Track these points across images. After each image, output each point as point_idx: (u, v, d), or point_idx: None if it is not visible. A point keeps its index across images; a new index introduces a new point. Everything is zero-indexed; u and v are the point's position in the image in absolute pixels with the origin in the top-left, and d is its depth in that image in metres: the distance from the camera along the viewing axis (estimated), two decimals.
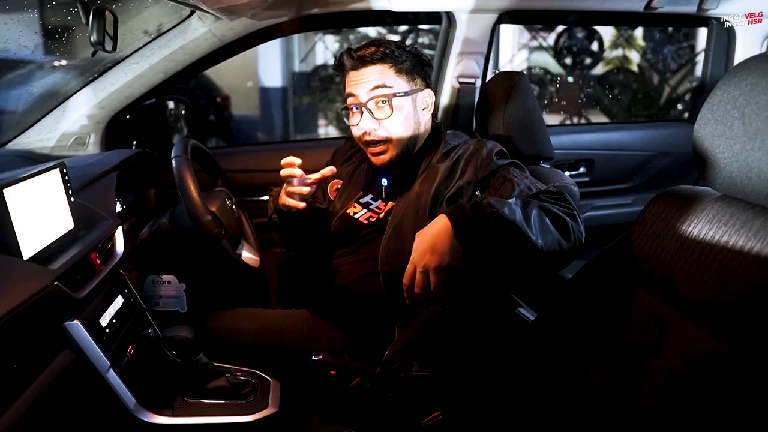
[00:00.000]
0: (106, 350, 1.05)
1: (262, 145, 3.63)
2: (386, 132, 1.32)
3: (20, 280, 0.88)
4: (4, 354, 0.85)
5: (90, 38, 1.11)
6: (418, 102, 1.35)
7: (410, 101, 1.33)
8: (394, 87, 1.30)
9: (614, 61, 6.63)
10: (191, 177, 1.34)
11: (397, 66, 1.31)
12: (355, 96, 1.33)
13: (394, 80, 1.31)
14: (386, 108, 1.30)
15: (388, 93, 1.30)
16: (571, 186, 1.38)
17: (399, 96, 1.31)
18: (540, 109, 1.49)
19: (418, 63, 1.35)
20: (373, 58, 1.30)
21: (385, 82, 1.30)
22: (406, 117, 1.32)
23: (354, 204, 1.46)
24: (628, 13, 2.00)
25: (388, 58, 1.30)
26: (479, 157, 1.28)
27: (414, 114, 1.34)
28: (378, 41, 1.33)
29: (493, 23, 1.84)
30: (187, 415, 1.12)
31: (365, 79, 1.31)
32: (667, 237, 0.99)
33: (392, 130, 1.32)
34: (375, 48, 1.30)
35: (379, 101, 1.30)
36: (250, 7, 1.55)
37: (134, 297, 1.26)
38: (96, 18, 1.11)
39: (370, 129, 1.32)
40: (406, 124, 1.33)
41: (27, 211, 0.96)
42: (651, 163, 2.25)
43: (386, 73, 1.30)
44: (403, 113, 1.32)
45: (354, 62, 1.31)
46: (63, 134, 1.77)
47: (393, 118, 1.31)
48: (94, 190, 1.30)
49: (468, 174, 1.27)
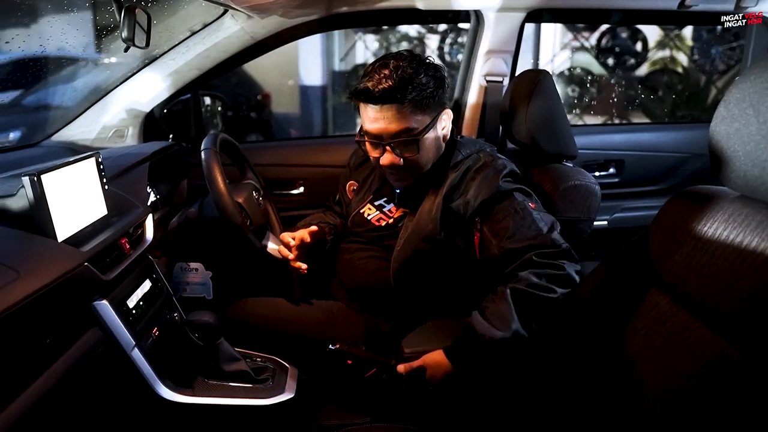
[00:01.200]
0: (132, 330, 1.11)
1: (292, 141, 3.71)
2: (411, 165, 1.29)
3: (53, 259, 0.94)
4: (37, 328, 0.91)
5: (121, 34, 1.17)
6: (439, 127, 1.31)
7: (432, 132, 1.28)
8: (419, 126, 1.24)
9: (659, 61, 6.45)
10: (218, 168, 1.39)
11: (418, 104, 1.22)
12: (375, 134, 1.26)
13: (417, 120, 1.24)
14: (413, 147, 1.26)
15: (413, 136, 1.24)
16: (593, 185, 1.37)
17: (424, 134, 1.25)
18: (564, 108, 1.48)
19: (438, 88, 1.26)
20: (394, 98, 1.20)
21: (409, 125, 1.23)
22: (429, 149, 1.30)
23: (368, 205, 1.48)
24: (663, 11, 1.96)
25: (408, 96, 1.20)
26: (485, 175, 1.26)
27: (437, 140, 1.31)
28: (395, 73, 1.20)
29: (521, 22, 1.84)
30: (206, 395, 1.17)
31: (386, 120, 1.23)
32: (682, 236, 0.98)
33: (418, 163, 1.30)
34: (393, 84, 1.19)
35: (405, 142, 1.25)
36: (280, 5, 1.60)
37: (162, 282, 1.32)
38: (127, 15, 1.17)
39: (394, 163, 1.28)
40: (430, 155, 1.31)
41: (63, 197, 1.03)
42: (685, 165, 2.19)
43: (408, 114, 1.22)
44: (428, 148, 1.29)
45: (373, 99, 1.22)
46: (103, 127, 1.86)
47: (417, 155, 1.27)
48: (128, 180, 1.37)
49: (472, 191, 1.26)
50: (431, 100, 1.24)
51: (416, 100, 1.21)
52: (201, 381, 1.22)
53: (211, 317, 1.22)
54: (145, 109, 1.88)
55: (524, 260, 1.17)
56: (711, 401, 0.83)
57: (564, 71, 6.62)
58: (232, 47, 1.80)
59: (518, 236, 1.19)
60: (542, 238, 1.18)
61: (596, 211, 1.39)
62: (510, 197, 1.24)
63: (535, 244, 1.17)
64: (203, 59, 1.81)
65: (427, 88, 1.22)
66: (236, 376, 1.24)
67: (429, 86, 1.23)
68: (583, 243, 1.44)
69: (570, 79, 6.51)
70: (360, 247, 1.46)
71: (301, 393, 1.28)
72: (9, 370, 0.84)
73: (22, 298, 0.82)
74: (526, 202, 1.24)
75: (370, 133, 1.27)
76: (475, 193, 1.25)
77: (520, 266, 1.17)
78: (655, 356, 0.96)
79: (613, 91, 6.36)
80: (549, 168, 1.43)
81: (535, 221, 1.21)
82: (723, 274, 0.86)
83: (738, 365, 0.80)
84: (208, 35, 1.77)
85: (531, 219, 1.21)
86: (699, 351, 0.88)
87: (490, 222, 1.24)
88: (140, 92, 1.85)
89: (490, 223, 1.24)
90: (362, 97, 1.23)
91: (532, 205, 1.24)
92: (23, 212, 0.98)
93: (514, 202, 1.23)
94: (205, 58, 1.81)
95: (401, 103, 1.20)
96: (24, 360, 0.88)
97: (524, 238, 1.18)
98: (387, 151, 1.27)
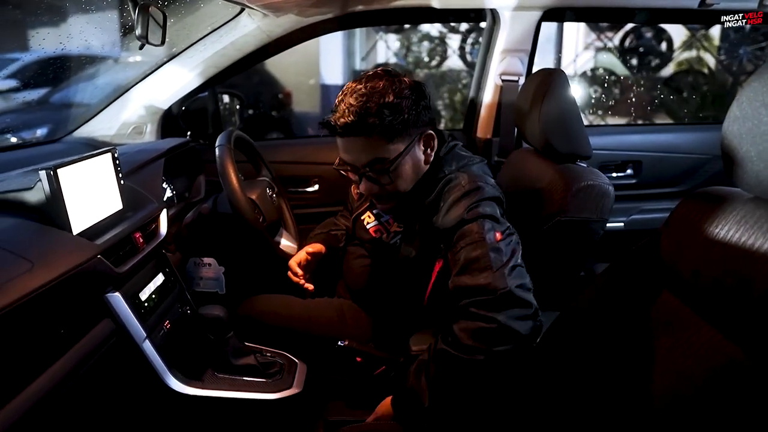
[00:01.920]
0: (144, 322, 1.13)
1: (307, 138, 3.73)
2: (389, 191, 1.23)
3: (67, 251, 0.96)
4: (51, 317, 0.93)
5: (135, 32, 1.20)
6: (417, 150, 1.22)
7: (410, 157, 1.20)
8: (391, 155, 1.17)
9: (684, 62, 6.34)
10: (232, 164, 1.41)
11: (387, 133, 1.14)
12: (349, 163, 1.22)
13: (388, 150, 1.16)
14: (386, 177, 1.19)
15: (384, 166, 1.18)
16: (606, 186, 1.35)
17: (396, 162, 1.18)
18: (578, 107, 1.46)
19: (412, 112, 1.16)
20: (358, 131, 1.13)
21: (379, 155, 1.17)
22: (407, 175, 1.22)
23: (368, 213, 1.46)
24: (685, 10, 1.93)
25: (374, 130, 1.13)
26: (455, 198, 1.17)
27: (416, 165, 1.23)
28: (360, 104, 1.12)
29: (537, 21, 1.82)
30: (214, 388, 1.19)
31: (354, 150, 1.18)
32: (694, 238, 0.97)
33: (393, 191, 1.23)
34: (355, 119, 1.12)
35: (378, 171, 1.19)
36: (296, 4, 1.61)
37: (175, 276, 1.35)
38: (141, 13, 1.19)
39: (372, 191, 1.24)
40: (408, 180, 1.23)
41: (79, 191, 1.05)
42: (705, 166, 2.15)
43: (377, 145, 1.15)
44: (403, 173, 1.21)
45: (339, 133, 1.16)
46: (123, 123, 1.90)
47: (395, 182, 1.21)
48: (143, 175, 1.39)
49: (441, 212, 1.18)
50: (403, 127, 1.15)
51: (384, 131, 1.14)
52: (210, 374, 1.24)
53: (221, 311, 1.23)
54: (163, 106, 1.91)
55: (460, 308, 1.09)
56: (718, 406, 0.82)
57: (587, 71, 6.55)
58: (248, 45, 1.82)
59: (467, 272, 1.10)
60: (488, 279, 1.07)
61: (609, 212, 1.37)
62: (473, 223, 1.12)
63: (477, 287, 1.07)
64: (220, 57, 1.83)
65: (398, 116, 1.13)
66: (245, 370, 1.25)
67: (400, 113, 1.14)
68: (597, 244, 1.42)
69: (593, 80, 6.44)
70: (362, 254, 1.47)
71: (309, 388, 1.29)
72: (23, 357, 0.87)
73: (35, 288, 0.84)
74: (489, 234, 1.11)
75: (343, 161, 1.23)
76: (444, 213, 1.17)
77: (456, 314, 1.10)
78: (664, 359, 0.95)
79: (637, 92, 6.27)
80: (562, 168, 1.41)
81: (489, 257, 1.08)
82: (734, 277, 0.85)
83: (747, 370, 0.79)
84: (225, 33, 1.79)
85: (485, 252, 1.09)
86: (708, 355, 0.86)
87: (451, 251, 1.15)
88: (158, 90, 1.88)
89: (450, 253, 1.15)
90: (328, 130, 1.17)
91: (498, 236, 1.12)
92: (40, 205, 1.00)
93: (474, 229, 1.12)
94: (222, 56, 1.83)
95: (368, 136, 1.14)
96: (38, 348, 0.90)
97: (472, 276, 1.09)
98: (363, 180, 1.23)
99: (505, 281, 1.06)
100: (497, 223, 1.14)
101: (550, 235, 1.34)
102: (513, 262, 1.10)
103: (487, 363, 1.06)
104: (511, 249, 1.12)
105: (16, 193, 1.02)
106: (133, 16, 1.18)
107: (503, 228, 1.14)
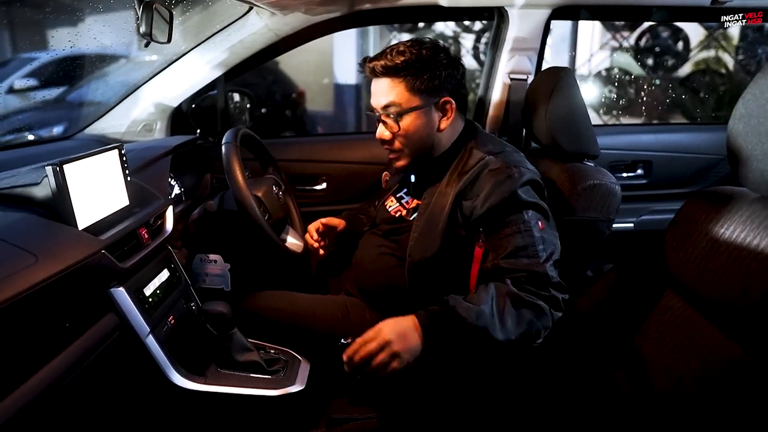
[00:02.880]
0: (148, 317, 1.14)
1: (315, 137, 3.75)
2: (398, 143, 1.33)
3: (72, 246, 0.98)
4: (56, 311, 0.95)
5: (139, 30, 1.21)
6: (434, 112, 1.31)
7: (423, 114, 1.30)
8: (404, 104, 1.28)
9: (701, 62, 6.25)
10: (237, 162, 1.42)
11: (409, 81, 1.26)
12: (372, 107, 1.34)
13: (405, 97, 1.27)
14: (396, 124, 1.30)
15: (397, 110, 1.28)
16: (613, 185, 1.34)
17: (409, 112, 1.28)
18: (585, 106, 1.45)
19: (439, 72, 1.27)
20: (385, 71, 1.27)
21: (394, 99, 1.28)
22: (417, 130, 1.30)
23: (391, 197, 1.50)
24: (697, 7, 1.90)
25: (400, 72, 1.26)
26: (500, 181, 1.21)
27: (428, 125, 1.31)
28: (395, 50, 1.27)
29: (546, 19, 1.81)
30: (217, 384, 1.20)
31: (378, 92, 1.30)
32: (699, 238, 0.95)
33: (403, 142, 1.32)
34: (387, 61, 1.26)
35: (390, 116, 1.30)
36: (303, 2, 1.62)
37: (180, 272, 1.36)
38: (145, 10, 1.20)
39: (384, 137, 1.34)
40: (417, 136, 1.31)
41: (85, 186, 1.06)
42: (717, 167, 2.11)
43: (397, 89, 1.27)
44: (413, 127, 1.30)
45: (370, 72, 1.30)
46: (133, 121, 1.92)
47: (402, 132, 1.30)
48: (150, 172, 1.40)
49: (482, 194, 1.22)
50: (427, 84, 1.26)
51: (410, 74, 1.25)
52: (213, 370, 1.24)
53: (225, 307, 1.24)
54: (172, 104, 1.93)
55: (513, 278, 1.15)
56: (721, 406, 0.81)
57: (601, 71, 6.48)
58: (256, 44, 1.83)
59: (513, 259, 1.16)
60: (537, 267, 1.15)
61: (616, 212, 1.36)
62: (519, 212, 1.19)
63: (526, 271, 1.14)
64: (229, 55, 1.84)
65: (426, 72, 1.25)
66: (248, 366, 1.26)
67: (428, 70, 1.25)
68: (603, 244, 1.41)
69: (608, 80, 6.37)
70: (375, 243, 1.45)
71: (312, 385, 1.29)
72: (27, 350, 0.88)
73: (39, 281, 0.85)
74: (533, 222, 1.19)
75: (370, 106, 1.35)
76: (485, 198, 1.21)
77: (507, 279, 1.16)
78: (667, 359, 0.94)
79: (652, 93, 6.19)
80: (568, 167, 1.40)
81: (536, 247, 1.16)
82: (739, 277, 0.84)
83: (750, 370, 0.78)
84: (234, 32, 1.80)
85: (532, 242, 1.16)
86: (711, 355, 0.85)
87: (493, 238, 1.20)
88: (168, 88, 1.90)
89: (492, 239, 1.20)
90: (364, 68, 1.32)
91: (541, 225, 1.19)
92: (46, 200, 1.02)
93: (521, 218, 1.18)
94: (231, 55, 1.84)
95: (392, 78, 1.27)
96: (41, 341, 0.91)
97: (519, 263, 1.15)
98: (379, 124, 1.34)
99: (553, 272, 1.16)
100: (541, 211, 1.22)
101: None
102: (555, 256, 1.19)
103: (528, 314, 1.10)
104: (553, 241, 1.21)
105: (23, 188, 1.03)
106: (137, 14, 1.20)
107: (546, 216, 1.22)
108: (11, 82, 4.64)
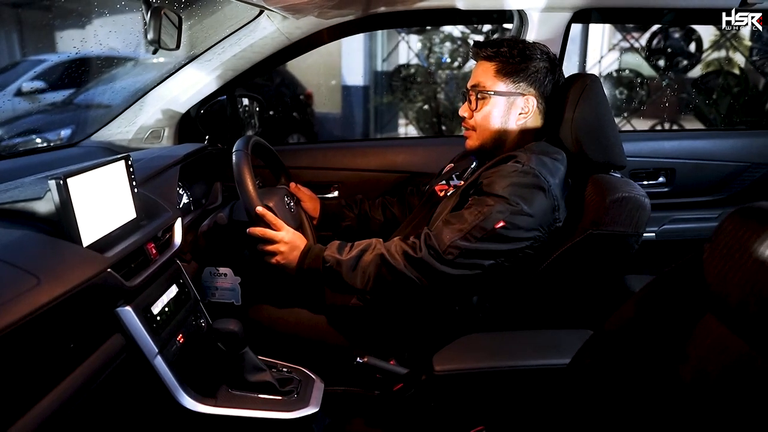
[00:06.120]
0: (156, 336, 1.09)
1: (328, 143, 3.70)
2: (474, 122, 1.42)
3: (76, 265, 0.92)
4: (60, 333, 0.90)
5: (147, 36, 1.16)
6: (513, 105, 1.39)
7: (503, 102, 1.39)
8: (490, 87, 1.38)
9: (714, 63, 6.17)
10: (248, 171, 1.36)
11: (500, 67, 1.37)
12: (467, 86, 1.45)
13: (492, 81, 1.38)
14: (477, 103, 1.40)
15: (480, 90, 1.39)
16: (642, 198, 1.28)
17: (491, 96, 1.38)
18: (613, 115, 1.39)
19: (529, 68, 1.37)
20: (482, 55, 1.39)
21: (483, 81, 1.39)
22: (493, 115, 1.39)
23: (443, 181, 1.57)
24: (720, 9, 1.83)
25: (495, 58, 1.37)
26: (504, 168, 1.28)
27: (504, 115, 1.39)
28: (500, 39, 1.41)
29: (567, 22, 1.75)
30: (229, 406, 1.15)
31: (474, 73, 1.43)
32: (743, 258, 0.89)
33: (478, 123, 1.41)
34: (493, 45, 1.38)
35: (475, 95, 1.40)
36: (316, 6, 1.57)
37: (189, 287, 1.30)
38: (153, 17, 1.15)
39: (464, 114, 1.45)
40: (491, 121, 1.40)
41: (90, 201, 1.01)
42: (743, 174, 2.04)
43: (488, 72, 1.39)
44: (491, 111, 1.39)
45: (473, 54, 1.44)
46: (140, 127, 1.87)
47: (481, 112, 1.40)
48: (158, 183, 1.35)
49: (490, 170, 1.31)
50: (518, 71, 1.36)
51: (502, 62, 1.37)
52: (225, 391, 1.19)
53: (236, 326, 1.19)
54: (181, 110, 1.88)
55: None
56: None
57: (612, 73, 6.41)
58: (267, 48, 1.77)
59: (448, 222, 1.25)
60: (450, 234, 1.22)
61: (644, 226, 1.29)
62: (497, 199, 1.22)
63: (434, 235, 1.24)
64: (239, 60, 1.79)
65: (520, 63, 1.36)
66: (261, 386, 1.21)
67: (523, 62, 1.36)
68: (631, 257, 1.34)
69: (618, 81, 6.30)
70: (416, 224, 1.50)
71: (327, 406, 1.24)
72: (32, 373, 0.83)
73: (42, 305, 0.80)
74: (500, 215, 1.21)
75: None
76: (490, 173, 1.28)
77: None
78: (712, 389, 0.87)
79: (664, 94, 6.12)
80: (596, 178, 1.34)
81: (471, 227, 1.21)
82: None
83: None
84: (244, 36, 1.75)
85: (471, 223, 1.22)
86: (760, 388, 0.79)
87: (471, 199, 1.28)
88: (176, 93, 1.85)
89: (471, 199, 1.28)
90: (470, 48, 1.45)
91: (500, 223, 1.21)
92: (50, 216, 0.97)
93: (488, 202, 1.23)
94: (241, 59, 1.79)
95: (488, 61, 1.39)
96: (47, 364, 0.87)
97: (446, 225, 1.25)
98: (465, 102, 1.45)
99: (457, 243, 1.21)
100: (516, 215, 1.21)
101: (583, 249, 1.27)
102: (481, 248, 1.21)
103: (389, 271, 1.24)
104: (496, 244, 1.22)
105: (25, 203, 0.99)
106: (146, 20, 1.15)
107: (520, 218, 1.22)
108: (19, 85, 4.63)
